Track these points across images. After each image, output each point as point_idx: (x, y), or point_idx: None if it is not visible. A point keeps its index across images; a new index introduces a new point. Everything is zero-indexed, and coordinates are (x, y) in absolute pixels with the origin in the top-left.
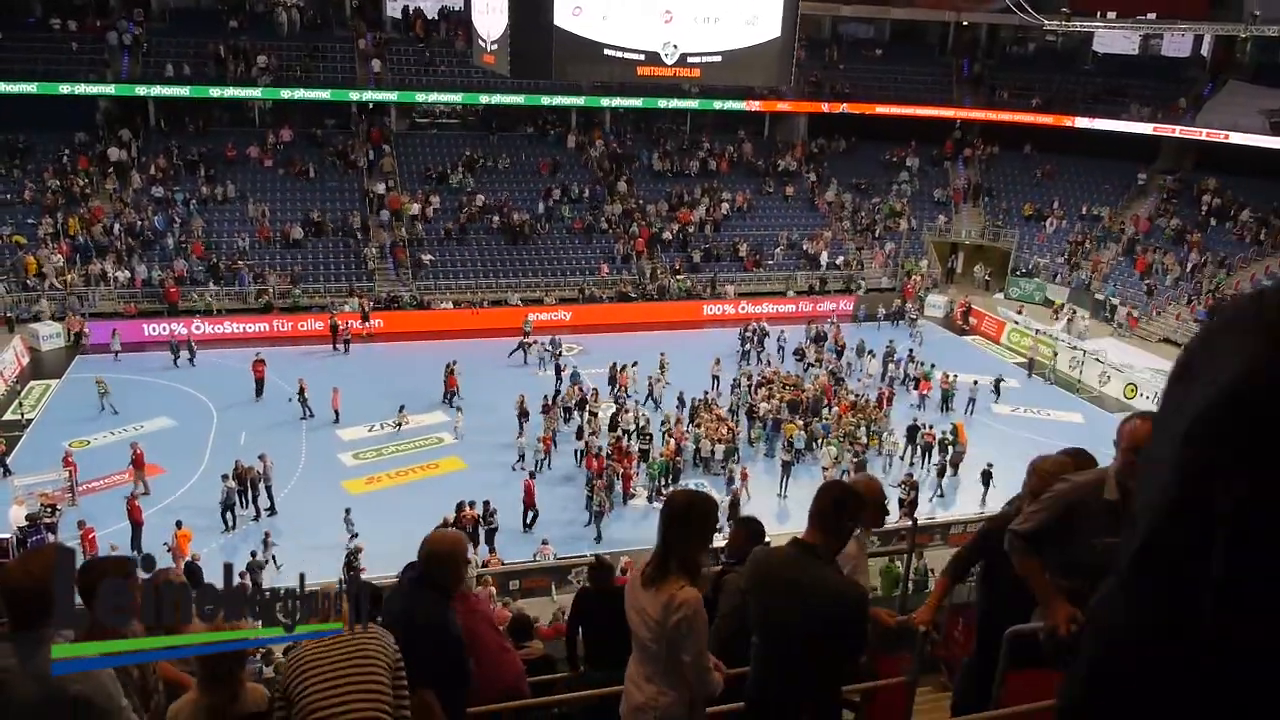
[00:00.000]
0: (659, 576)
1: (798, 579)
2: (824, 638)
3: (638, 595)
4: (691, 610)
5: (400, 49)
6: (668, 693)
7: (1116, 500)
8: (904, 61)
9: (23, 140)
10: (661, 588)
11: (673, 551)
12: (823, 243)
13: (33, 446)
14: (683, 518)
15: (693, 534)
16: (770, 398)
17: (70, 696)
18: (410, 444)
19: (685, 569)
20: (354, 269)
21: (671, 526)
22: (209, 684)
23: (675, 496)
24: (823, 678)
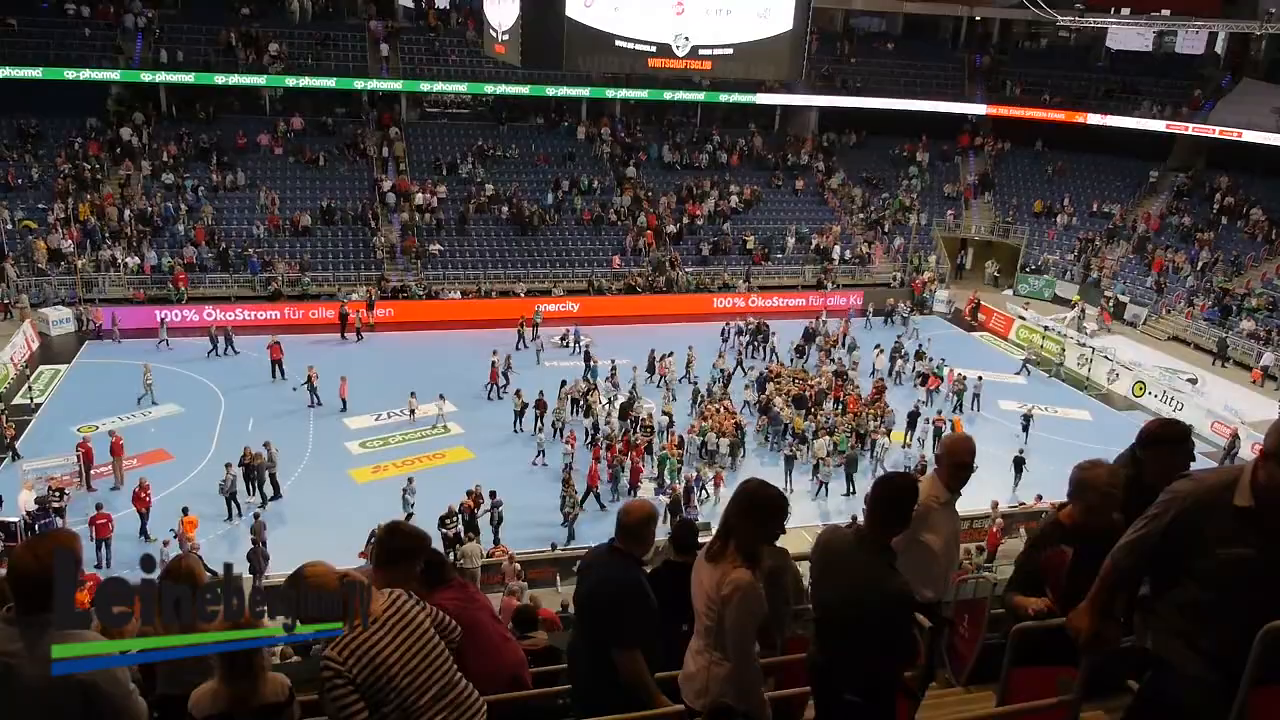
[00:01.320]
0: (719, 554)
1: (849, 566)
2: (865, 627)
3: (700, 569)
4: (739, 589)
5: (411, 38)
6: (719, 664)
7: (1249, 507)
8: (916, 56)
9: (35, 125)
10: (719, 564)
11: (734, 534)
12: (832, 237)
13: (42, 431)
14: (748, 506)
15: (754, 523)
16: (778, 392)
17: (78, 681)
18: (417, 433)
19: (743, 552)
20: (363, 258)
21: (737, 511)
22: (229, 673)
23: (748, 485)
24: (870, 662)
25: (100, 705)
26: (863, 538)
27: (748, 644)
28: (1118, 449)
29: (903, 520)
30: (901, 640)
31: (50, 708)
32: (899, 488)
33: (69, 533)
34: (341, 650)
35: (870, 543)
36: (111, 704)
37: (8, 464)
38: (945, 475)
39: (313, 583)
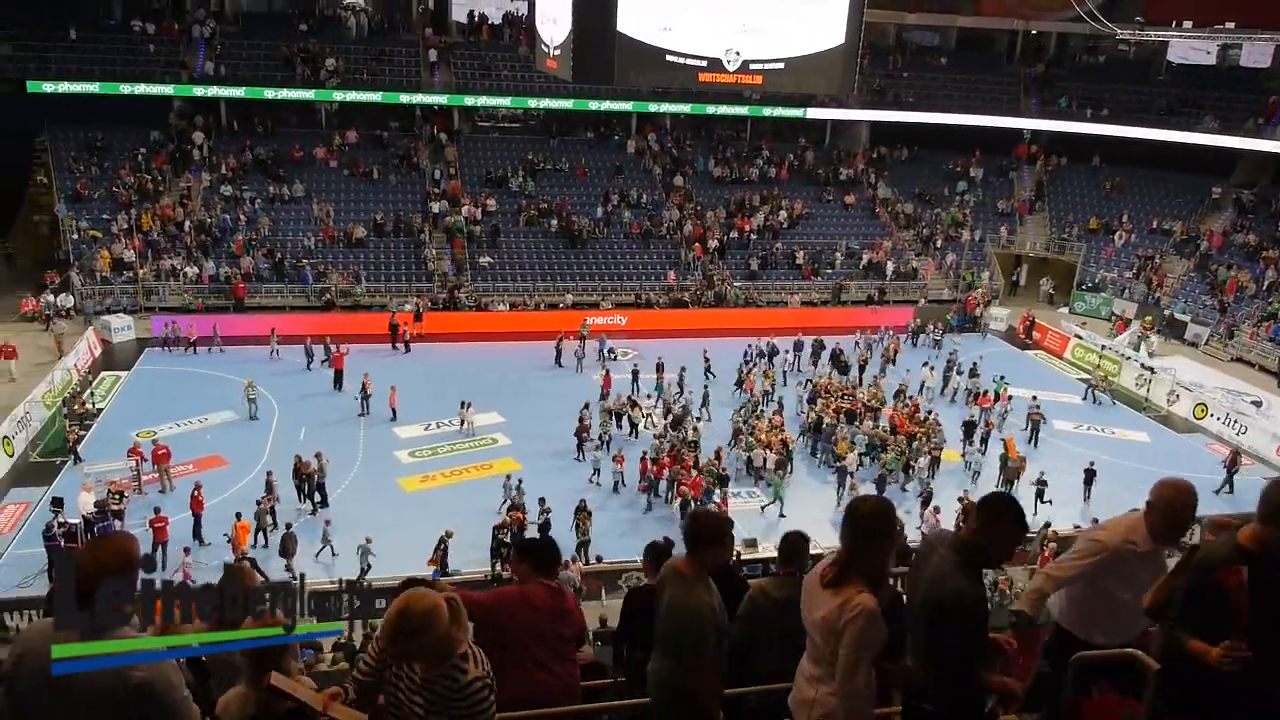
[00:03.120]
0: (840, 579)
1: (927, 566)
2: (939, 633)
3: (814, 596)
4: (863, 615)
5: (464, 53)
6: (835, 694)
7: None
8: (969, 70)
9: (101, 138)
10: (840, 590)
11: (857, 557)
12: (883, 252)
13: (103, 436)
14: (868, 529)
15: (875, 545)
16: (827, 408)
17: (133, 683)
18: (467, 444)
19: (867, 575)
20: (414, 269)
21: (859, 533)
22: (256, 679)
23: (863, 504)
24: (945, 671)
25: (154, 706)
26: (960, 543)
27: (864, 669)
28: (1176, 472)
29: (1008, 540)
30: (974, 650)
31: (105, 708)
32: (1010, 505)
33: (128, 535)
34: (483, 665)
35: (964, 547)
36: (165, 705)
37: (70, 467)
38: (1154, 522)
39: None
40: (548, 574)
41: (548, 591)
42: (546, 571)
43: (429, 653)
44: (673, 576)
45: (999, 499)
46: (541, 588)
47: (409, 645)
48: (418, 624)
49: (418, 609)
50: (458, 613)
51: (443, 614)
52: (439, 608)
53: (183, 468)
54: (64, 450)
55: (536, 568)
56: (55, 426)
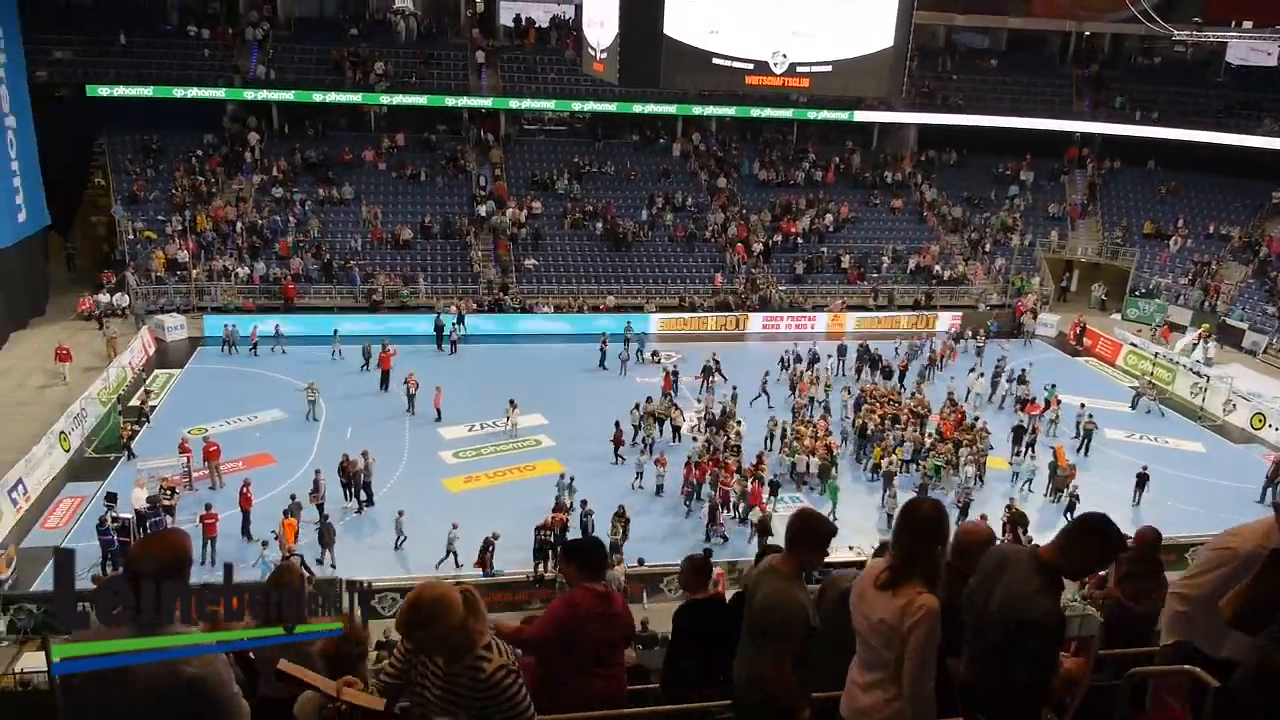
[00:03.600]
0: (896, 581)
1: (1002, 577)
2: (1001, 642)
3: (869, 599)
4: (929, 616)
5: (509, 57)
6: (895, 699)
7: None
8: (1020, 72)
9: (157, 140)
10: (899, 592)
11: (915, 557)
12: (930, 256)
13: (155, 432)
14: (926, 528)
15: (933, 545)
16: (872, 412)
17: (186, 678)
18: (510, 445)
19: (925, 576)
20: (460, 271)
21: (916, 533)
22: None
23: (920, 505)
24: (1013, 685)
25: (205, 701)
26: (1042, 564)
27: (930, 670)
28: (1234, 484)
29: (1097, 559)
30: (1047, 669)
31: (158, 701)
32: (1104, 525)
33: (180, 532)
34: (506, 654)
35: (1047, 567)
36: (216, 700)
37: (124, 463)
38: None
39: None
40: (595, 576)
41: (595, 597)
42: (594, 573)
43: (445, 644)
44: (769, 573)
45: (1094, 520)
46: (588, 593)
47: (422, 635)
48: (428, 613)
49: (427, 598)
50: (474, 604)
51: (454, 604)
52: (449, 597)
53: (232, 465)
54: (118, 446)
55: (583, 569)
56: (110, 423)
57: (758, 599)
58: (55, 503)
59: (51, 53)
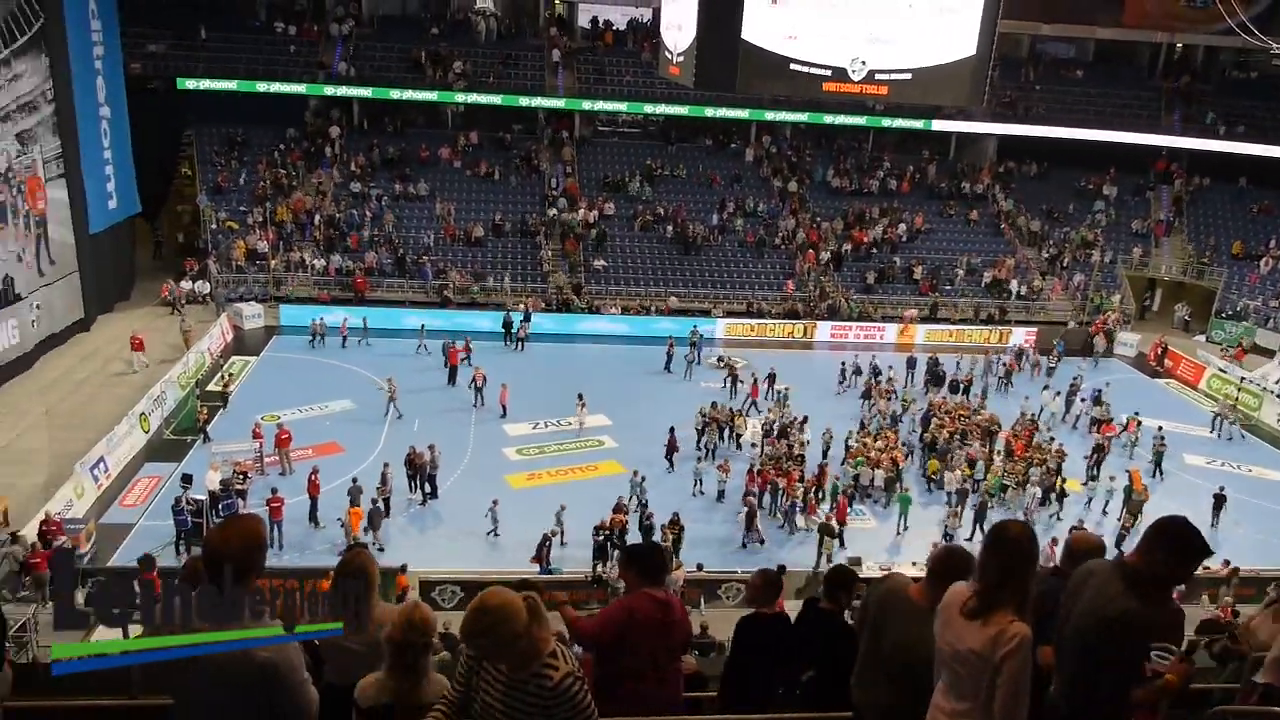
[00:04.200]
0: (985, 609)
1: (1085, 591)
2: (1081, 649)
3: (955, 626)
4: (1022, 645)
5: (586, 58)
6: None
7: None
8: (1107, 83)
9: (242, 134)
10: (989, 621)
11: (1004, 583)
12: (1006, 270)
13: (230, 417)
14: (1017, 550)
15: (1028, 566)
16: (941, 427)
17: (258, 663)
18: (573, 444)
19: (1015, 602)
20: (529, 270)
21: (1005, 558)
22: (396, 670)
23: (1009, 528)
24: (1089, 690)
25: (276, 686)
26: (1126, 569)
27: (1024, 701)
28: None
29: (1178, 563)
30: (1131, 674)
31: (232, 685)
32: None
33: (256, 517)
34: (571, 660)
35: (1130, 572)
36: (287, 687)
37: (199, 445)
38: None
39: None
40: (655, 581)
41: (654, 603)
42: (653, 579)
43: (509, 651)
44: (905, 602)
45: (1174, 524)
46: (648, 598)
47: (485, 642)
48: (492, 620)
49: (491, 604)
50: (537, 612)
51: (518, 611)
52: (513, 605)
53: (301, 452)
54: (194, 429)
55: (643, 574)
56: (187, 406)
57: (897, 632)
58: (133, 481)
59: (146, 46)
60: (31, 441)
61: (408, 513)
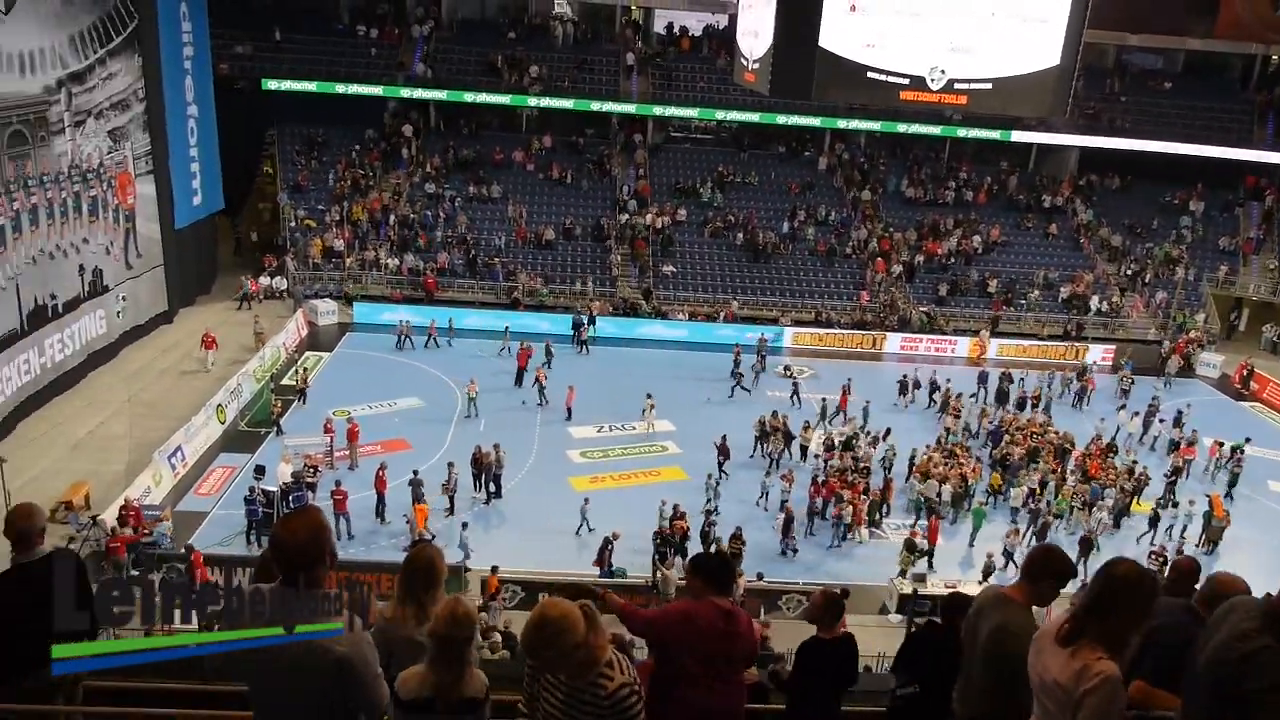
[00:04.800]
0: (1075, 636)
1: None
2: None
3: (1047, 654)
4: (1104, 684)
5: (661, 64)
6: None
7: None
8: (1196, 96)
9: (322, 134)
10: (1077, 653)
11: (1099, 618)
12: (1084, 285)
13: (302, 412)
14: (1124, 589)
15: (1133, 606)
16: (1013, 444)
17: (334, 657)
18: (637, 448)
19: (1106, 640)
20: (599, 274)
21: (1108, 593)
22: (439, 663)
23: (1119, 566)
24: None
25: (350, 680)
26: (1271, 607)
27: None
28: None
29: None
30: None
31: (308, 677)
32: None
33: (316, 508)
34: (628, 672)
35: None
36: (360, 681)
37: (273, 438)
38: None
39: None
40: (721, 591)
41: (718, 612)
42: (720, 589)
43: (569, 661)
44: (1003, 602)
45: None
46: (712, 607)
47: (547, 654)
48: (552, 633)
49: (552, 616)
50: (594, 620)
51: (577, 621)
52: (571, 616)
53: (370, 448)
54: (268, 422)
55: (708, 583)
56: (262, 399)
57: (989, 626)
58: (209, 471)
59: (233, 47)
60: (114, 429)
61: (471, 511)
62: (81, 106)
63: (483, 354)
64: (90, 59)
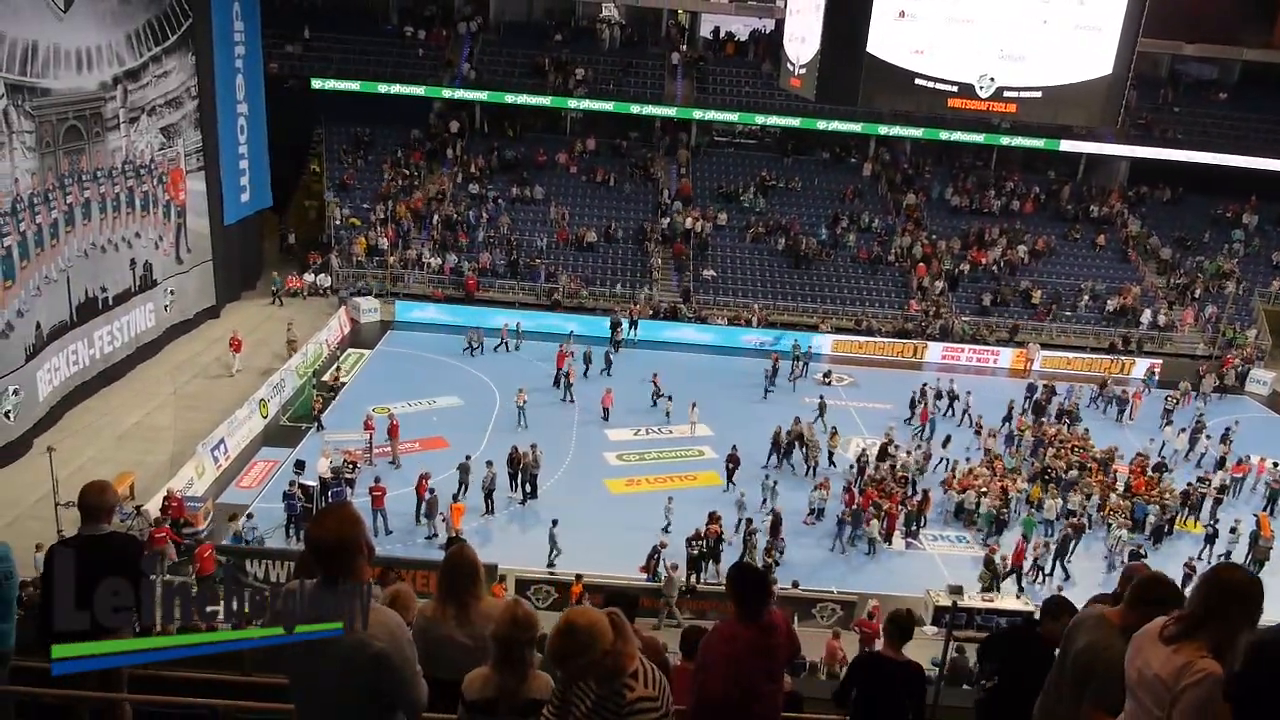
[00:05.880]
0: (1182, 636)
1: None
2: None
3: (1147, 650)
4: (1207, 680)
5: (706, 68)
6: None
7: None
8: (1252, 107)
9: (369, 134)
10: (1181, 649)
11: (1210, 619)
12: (1131, 297)
13: (344, 407)
14: (1236, 598)
15: (1243, 615)
16: (1058, 458)
17: (372, 653)
18: (673, 452)
19: (1214, 641)
20: (639, 277)
21: (1220, 596)
22: (502, 666)
23: (1233, 572)
24: None
25: (390, 676)
26: None
27: None
28: None
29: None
30: None
31: (348, 671)
32: None
33: (349, 504)
34: (655, 684)
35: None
36: (400, 677)
37: (313, 433)
38: None
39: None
40: (758, 608)
41: (756, 629)
42: (757, 606)
43: (597, 670)
44: (1099, 623)
45: None
46: (747, 624)
47: (575, 665)
48: (580, 643)
49: (580, 625)
50: (621, 628)
51: (605, 632)
52: (599, 626)
53: (408, 445)
54: (310, 417)
55: (744, 600)
56: (304, 395)
57: (1082, 644)
58: (250, 464)
59: (284, 46)
60: (159, 420)
61: (507, 510)
62: (136, 103)
63: (541, 360)
64: (145, 56)
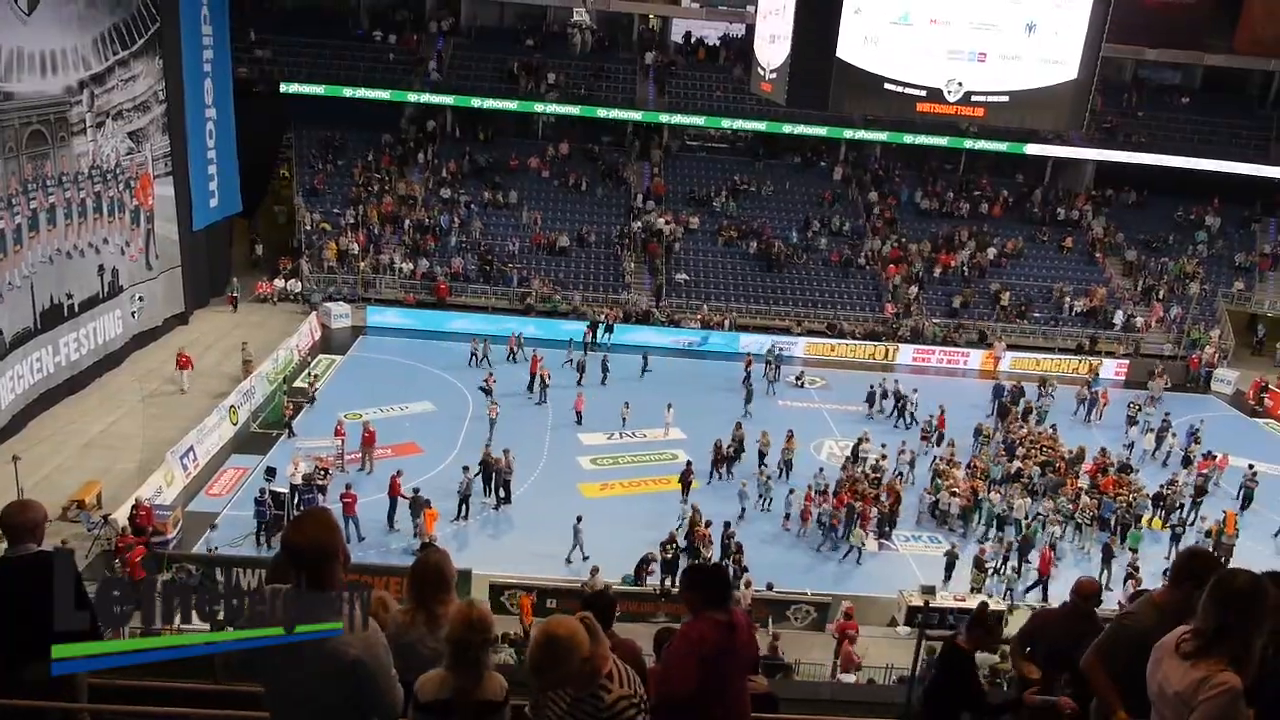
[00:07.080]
0: (1201, 652)
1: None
2: None
3: (1166, 664)
4: (1226, 695)
5: (676, 72)
6: None
7: None
8: (1214, 112)
9: (339, 138)
10: (1199, 664)
11: (1223, 635)
12: (1098, 299)
13: (314, 414)
14: (1244, 601)
15: (1253, 618)
16: (1027, 457)
17: (349, 659)
18: (647, 456)
19: (1232, 653)
20: (611, 280)
21: (1229, 607)
22: (456, 664)
23: (1236, 577)
24: None
25: (365, 682)
26: None
27: None
28: None
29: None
30: None
31: (322, 678)
32: None
33: (325, 509)
34: (630, 684)
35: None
36: (375, 683)
37: (285, 440)
38: None
39: (561, 650)
40: (719, 605)
41: (719, 628)
42: (717, 603)
43: (575, 678)
44: (1144, 603)
45: None
46: (711, 624)
47: (555, 675)
48: (559, 653)
49: (560, 635)
50: (595, 632)
51: (583, 641)
52: (577, 636)
53: (381, 451)
54: (280, 424)
55: (706, 599)
56: (275, 401)
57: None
58: (220, 471)
59: (253, 51)
60: (127, 428)
61: (480, 515)
62: (102, 107)
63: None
64: (111, 60)
